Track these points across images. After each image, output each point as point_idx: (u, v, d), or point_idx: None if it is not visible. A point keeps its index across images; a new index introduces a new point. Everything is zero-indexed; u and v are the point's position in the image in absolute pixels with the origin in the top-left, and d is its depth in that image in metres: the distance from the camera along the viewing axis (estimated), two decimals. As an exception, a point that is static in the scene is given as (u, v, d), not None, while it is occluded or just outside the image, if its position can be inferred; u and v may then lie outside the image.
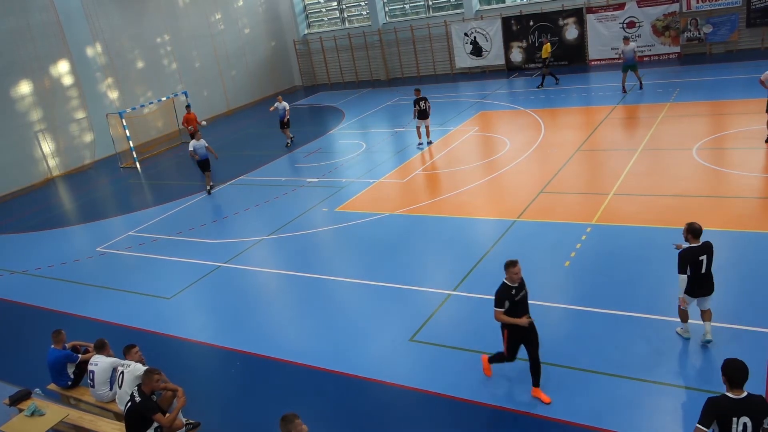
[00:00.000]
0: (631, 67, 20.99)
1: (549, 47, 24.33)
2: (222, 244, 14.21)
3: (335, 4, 33.57)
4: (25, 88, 22.50)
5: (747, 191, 12.43)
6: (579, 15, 26.62)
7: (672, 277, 9.61)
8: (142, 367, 7.83)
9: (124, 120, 23.17)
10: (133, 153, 23.26)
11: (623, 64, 21.26)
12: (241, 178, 19.30)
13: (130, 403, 7.19)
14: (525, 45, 28.20)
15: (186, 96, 25.98)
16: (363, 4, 32.40)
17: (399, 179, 16.72)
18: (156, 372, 7.38)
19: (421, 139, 19.27)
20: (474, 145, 18.77)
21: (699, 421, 5.15)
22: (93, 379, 8.29)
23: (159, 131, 27.36)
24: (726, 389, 5.16)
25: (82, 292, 12.98)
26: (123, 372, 7.96)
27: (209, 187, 18.06)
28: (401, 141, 20.42)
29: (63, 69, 23.74)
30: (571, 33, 27.01)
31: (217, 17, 30.68)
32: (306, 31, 34.44)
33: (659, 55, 25.54)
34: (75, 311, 12.11)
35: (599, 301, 9.40)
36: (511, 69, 28.78)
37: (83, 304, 12.38)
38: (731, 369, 5.12)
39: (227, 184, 18.91)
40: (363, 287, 11.26)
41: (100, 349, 8.47)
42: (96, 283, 13.24)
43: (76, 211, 19.44)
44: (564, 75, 25.00)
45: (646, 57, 25.73)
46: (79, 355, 8.94)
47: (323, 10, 34.49)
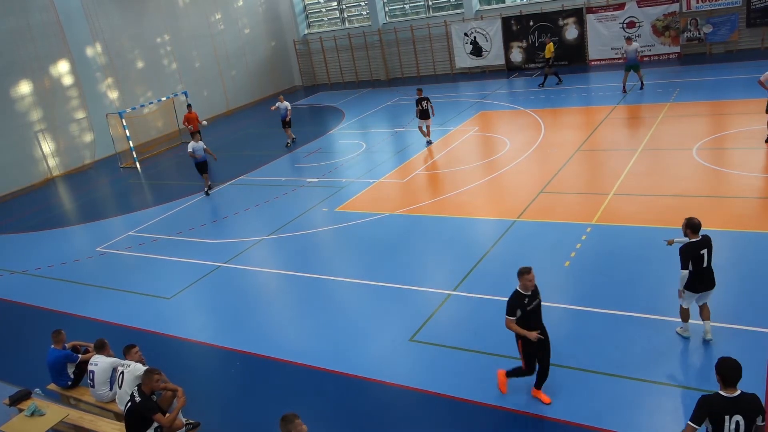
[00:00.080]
0: (634, 67, 21.01)
1: (552, 47, 24.34)
2: (222, 244, 14.21)
3: (335, 4, 33.57)
4: (25, 88, 22.51)
5: (747, 191, 12.43)
6: (579, 15, 26.62)
7: (672, 277, 9.62)
8: (142, 367, 7.83)
9: (124, 120, 23.17)
10: (133, 153, 23.26)
11: (626, 63, 21.30)
12: (241, 178, 19.30)
13: (130, 403, 7.19)
14: (525, 45, 28.20)
15: (186, 96, 25.99)
16: (363, 4, 32.41)
17: (399, 179, 16.72)
18: (156, 372, 7.38)
19: (428, 137, 19.27)
20: (474, 145, 18.78)
21: (690, 418, 5.18)
22: (93, 379, 8.29)
23: (159, 131, 27.36)
24: (719, 388, 5.18)
25: (82, 292, 12.98)
26: (123, 372, 7.96)
27: (207, 188, 18.08)
28: (401, 141, 20.42)
29: (63, 69, 23.75)
30: (571, 33, 27.01)
31: (217, 17, 30.68)
32: (306, 31, 34.44)
33: (659, 55, 25.54)
34: (75, 311, 12.11)
35: (599, 301, 9.40)
36: (511, 69, 28.78)
37: (83, 304, 12.38)
38: (725, 368, 5.14)
39: (227, 184, 18.91)
40: (363, 287, 11.26)
41: (100, 349, 8.47)
42: (96, 283, 13.24)
43: (76, 211, 19.44)
44: (564, 75, 24.99)
45: (646, 57, 25.72)
46: (79, 355, 8.94)
47: (323, 10, 34.49)
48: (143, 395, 7.19)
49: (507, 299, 7.23)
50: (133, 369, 7.87)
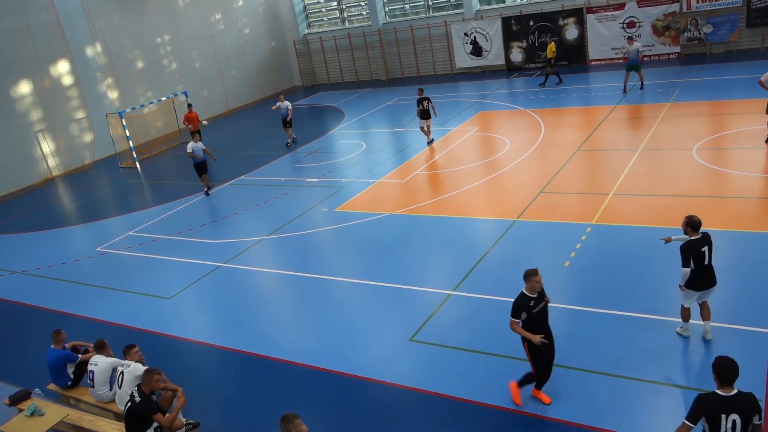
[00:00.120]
0: (635, 67, 21.01)
1: (554, 46, 24.34)
2: (222, 244, 14.21)
3: (335, 4, 33.57)
4: (25, 88, 22.51)
5: (747, 191, 12.43)
6: (579, 15, 26.62)
7: (672, 277, 9.62)
8: (142, 367, 7.83)
9: (124, 120, 23.17)
10: (133, 153, 23.26)
11: (627, 63, 21.31)
12: (241, 178, 19.30)
13: (129, 403, 7.19)
14: (525, 45, 28.20)
15: (186, 96, 25.99)
16: (363, 4, 32.41)
17: (399, 179, 16.72)
18: (156, 372, 7.38)
19: (430, 137, 19.25)
20: (474, 145, 18.77)
21: (686, 417, 5.19)
22: (93, 379, 8.29)
23: (159, 131, 27.36)
24: (716, 386, 5.19)
25: (82, 292, 12.98)
26: (123, 372, 7.96)
27: (207, 188, 18.09)
28: (401, 141, 20.42)
29: (63, 69, 23.75)
30: (571, 33, 27.01)
31: (217, 17, 30.68)
32: (306, 31, 34.44)
33: (659, 55, 25.53)
34: (75, 311, 12.11)
35: (599, 301, 9.40)
36: (511, 69, 28.78)
37: (83, 304, 12.38)
38: (722, 367, 5.15)
39: (227, 184, 18.91)
40: (363, 287, 11.26)
41: (99, 349, 8.47)
42: (96, 283, 13.24)
43: (76, 211, 19.44)
44: (564, 75, 24.99)
45: (646, 57, 25.71)
46: (79, 355, 8.94)
47: (323, 10, 34.49)
48: (143, 395, 7.19)
49: (512, 300, 7.18)
50: (133, 369, 7.87)
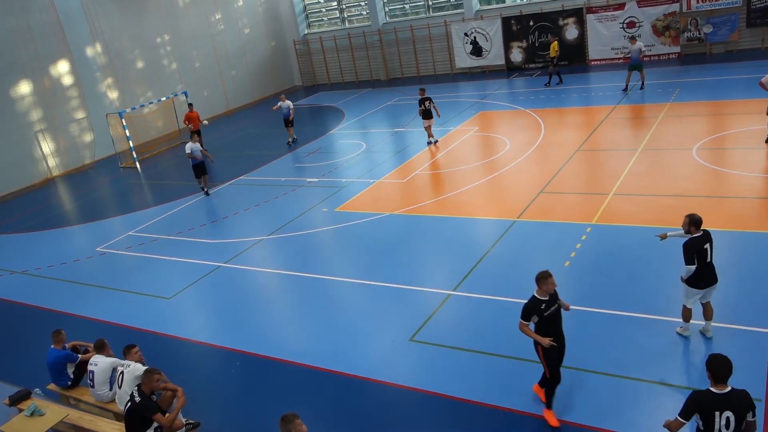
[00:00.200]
0: (637, 67, 20.98)
1: (556, 45, 24.32)
2: (222, 244, 14.21)
3: (335, 4, 33.57)
4: (25, 88, 22.51)
5: (747, 191, 12.43)
6: (579, 15, 26.62)
7: (672, 277, 9.62)
8: (141, 367, 7.83)
9: (124, 120, 23.17)
10: (133, 153, 23.26)
11: (629, 63, 21.29)
12: (241, 178, 19.30)
13: (129, 403, 7.19)
14: (525, 45, 28.20)
15: (186, 96, 26.00)
16: (363, 4, 32.40)
17: (399, 179, 16.72)
18: (156, 372, 7.38)
19: (433, 138, 19.22)
20: (474, 145, 18.77)
21: (679, 413, 5.23)
22: (93, 379, 8.29)
23: (159, 131, 27.36)
24: (710, 384, 5.20)
25: (82, 292, 12.98)
26: (123, 372, 7.96)
27: (206, 189, 18.08)
28: (401, 141, 20.42)
29: (63, 69, 23.75)
30: (571, 33, 27.01)
31: (217, 17, 30.68)
32: (306, 31, 34.44)
33: (659, 55, 25.54)
34: (75, 311, 12.11)
35: (599, 301, 9.40)
36: (511, 69, 28.78)
37: (83, 304, 12.38)
38: (715, 364, 5.16)
39: (227, 184, 18.91)
40: (363, 287, 11.26)
41: (99, 349, 8.47)
42: (96, 283, 13.24)
43: (76, 211, 19.44)
44: (564, 75, 24.99)
45: (646, 57, 25.68)
46: (79, 355, 8.94)
47: (323, 10, 34.49)
48: (143, 395, 7.19)
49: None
50: (133, 369, 7.87)
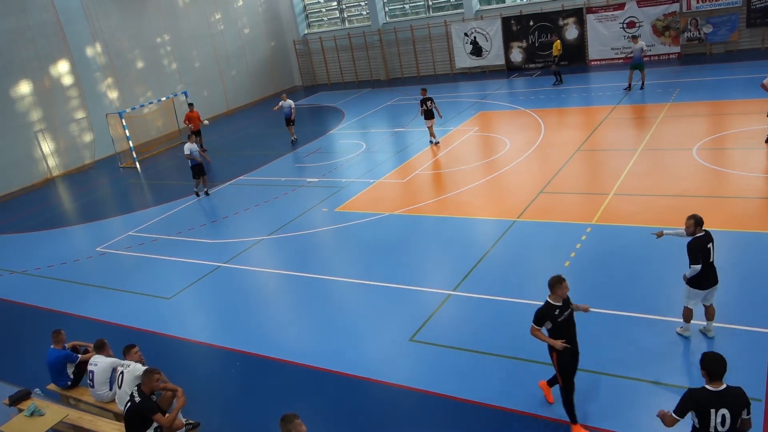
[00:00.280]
0: (638, 66, 20.95)
1: (559, 44, 24.31)
2: (222, 244, 14.21)
3: (335, 4, 33.57)
4: (25, 88, 22.50)
5: (747, 191, 12.43)
6: (579, 15, 26.62)
7: (671, 277, 9.63)
8: (141, 367, 7.83)
9: (123, 120, 23.16)
10: (133, 153, 23.26)
11: (631, 62, 21.25)
12: (241, 178, 19.29)
13: (129, 403, 7.19)
14: (525, 45, 28.20)
15: (186, 96, 26.00)
16: (363, 4, 32.40)
17: (399, 179, 16.72)
18: (155, 372, 7.38)
19: (434, 138, 19.25)
20: (474, 145, 18.77)
21: (674, 410, 5.25)
22: (93, 379, 8.29)
23: (159, 131, 27.36)
24: (705, 382, 5.21)
25: (82, 292, 12.97)
26: (123, 372, 7.96)
27: (205, 190, 18.06)
28: (401, 141, 20.42)
29: (63, 69, 23.74)
30: (571, 33, 27.01)
31: (217, 17, 30.68)
32: (306, 31, 34.43)
33: (659, 55, 25.54)
34: (75, 311, 12.11)
35: (599, 301, 9.39)
36: (511, 69, 28.78)
37: (83, 304, 12.37)
38: (709, 362, 5.17)
39: (227, 184, 18.91)
40: (363, 287, 11.26)
41: (99, 349, 8.47)
42: (96, 283, 13.23)
43: (76, 211, 19.44)
44: (564, 75, 24.98)
45: (646, 57, 25.67)
46: (79, 355, 8.94)
47: (323, 10, 34.49)
48: (143, 395, 7.19)
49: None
50: (133, 369, 7.87)
